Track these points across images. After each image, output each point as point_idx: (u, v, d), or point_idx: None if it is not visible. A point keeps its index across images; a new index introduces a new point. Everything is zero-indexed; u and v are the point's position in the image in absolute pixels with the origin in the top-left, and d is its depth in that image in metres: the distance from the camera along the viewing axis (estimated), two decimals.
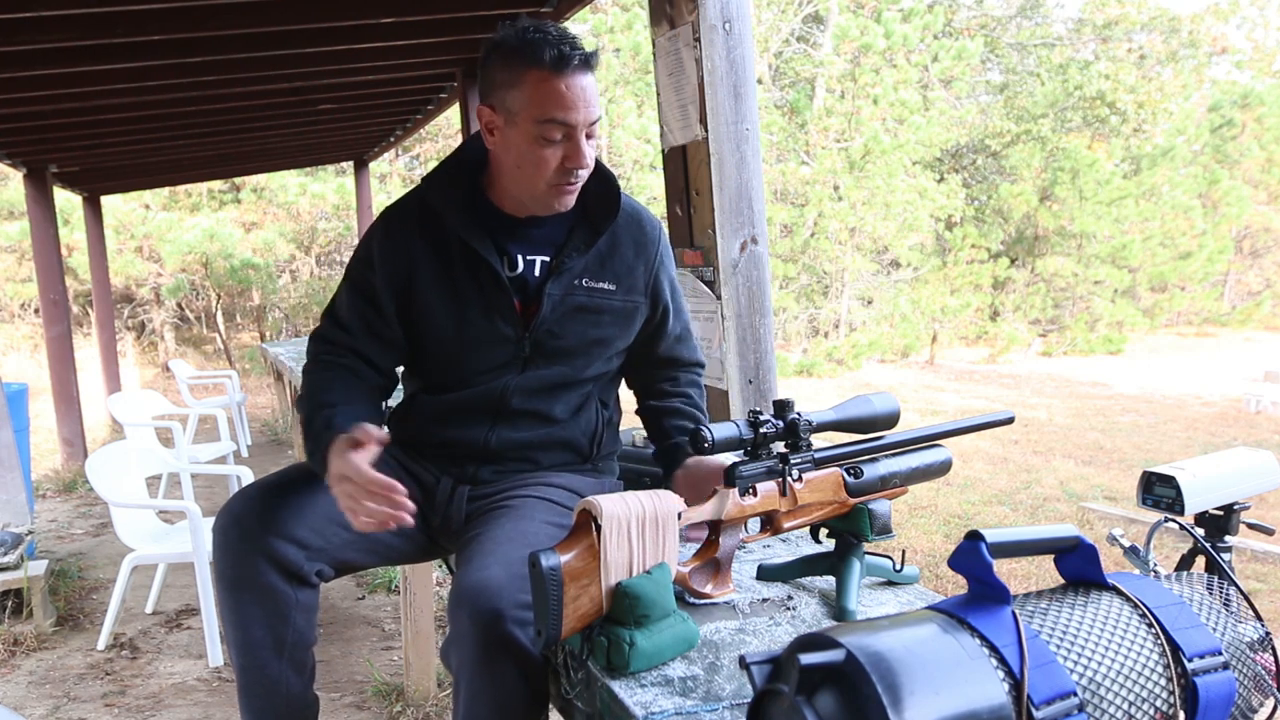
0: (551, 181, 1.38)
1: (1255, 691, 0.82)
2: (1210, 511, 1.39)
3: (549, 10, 3.30)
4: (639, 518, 1.14)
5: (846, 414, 1.36)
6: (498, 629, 1.13)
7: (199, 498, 3.78)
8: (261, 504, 1.36)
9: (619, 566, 1.11)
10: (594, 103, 1.35)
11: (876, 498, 1.34)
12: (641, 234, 1.52)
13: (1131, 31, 17.09)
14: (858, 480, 1.33)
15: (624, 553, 1.12)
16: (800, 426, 1.28)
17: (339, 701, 2.74)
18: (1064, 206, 14.88)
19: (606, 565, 1.10)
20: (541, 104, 1.32)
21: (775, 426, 1.27)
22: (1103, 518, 5.41)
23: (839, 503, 1.31)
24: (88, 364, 8.33)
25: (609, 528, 1.11)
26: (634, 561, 1.13)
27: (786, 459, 1.27)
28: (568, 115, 1.32)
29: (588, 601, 1.09)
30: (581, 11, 3.64)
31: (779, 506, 1.27)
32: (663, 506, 1.17)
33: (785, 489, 1.27)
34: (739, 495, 1.24)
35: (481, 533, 1.33)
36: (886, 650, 0.67)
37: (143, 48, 3.31)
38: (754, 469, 1.26)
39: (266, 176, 12.04)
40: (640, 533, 1.14)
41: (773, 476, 1.27)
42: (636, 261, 1.51)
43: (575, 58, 1.31)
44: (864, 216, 13.25)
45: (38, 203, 6.07)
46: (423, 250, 1.44)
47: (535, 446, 1.51)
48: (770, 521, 1.29)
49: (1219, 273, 16.97)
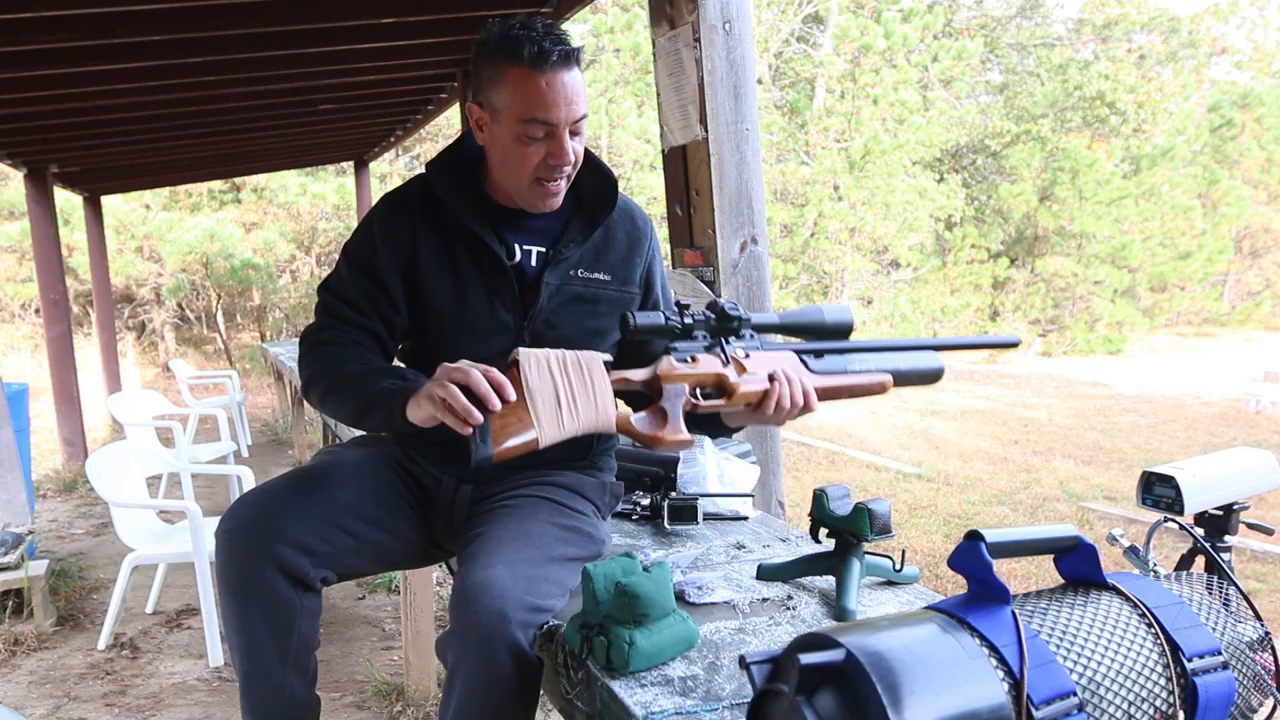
0: (535, 178, 1.37)
1: (1255, 691, 0.82)
2: (1210, 511, 1.39)
3: (549, 10, 3.30)
4: (559, 358, 1.26)
5: (791, 317, 1.37)
6: (502, 629, 1.13)
7: (199, 498, 3.78)
8: (266, 510, 1.34)
9: (545, 397, 1.22)
10: (577, 99, 1.33)
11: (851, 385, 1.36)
12: (634, 227, 1.53)
13: (1131, 31, 17.09)
14: (819, 361, 1.36)
15: (547, 383, 1.23)
16: (727, 309, 1.31)
17: (339, 701, 2.74)
18: (1064, 206, 14.88)
19: (530, 391, 1.21)
20: (523, 103, 1.31)
21: (705, 315, 1.31)
22: (1103, 518, 5.42)
23: (801, 380, 1.33)
24: (88, 364, 8.33)
25: (526, 361, 1.23)
26: (559, 391, 1.23)
27: (724, 341, 1.32)
28: (548, 114, 1.32)
29: (515, 422, 1.20)
30: (581, 11, 3.64)
31: (723, 372, 1.30)
32: (586, 354, 1.28)
33: (727, 358, 1.31)
34: (676, 362, 1.29)
35: (485, 531, 1.33)
36: (886, 650, 0.67)
37: (144, 48, 3.31)
38: (689, 345, 1.31)
39: (267, 176, 12.04)
40: (563, 369, 1.24)
41: (712, 351, 1.31)
42: (630, 253, 1.52)
43: (555, 54, 1.29)
44: (864, 216, 13.24)
45: (38, 203, 6.07)
46: (426, 234, 1.44)
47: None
48: (722, 389, 1.30)
49: (1219, 273, 16.98)
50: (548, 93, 1.30)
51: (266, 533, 1.32)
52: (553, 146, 1.35)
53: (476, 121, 1.40)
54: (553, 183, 1.39)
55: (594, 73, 13.26)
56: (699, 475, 1.76)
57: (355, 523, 1.40)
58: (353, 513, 1.40)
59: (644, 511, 1.71)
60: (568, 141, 1.35)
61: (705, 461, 1.78)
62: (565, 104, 1.32)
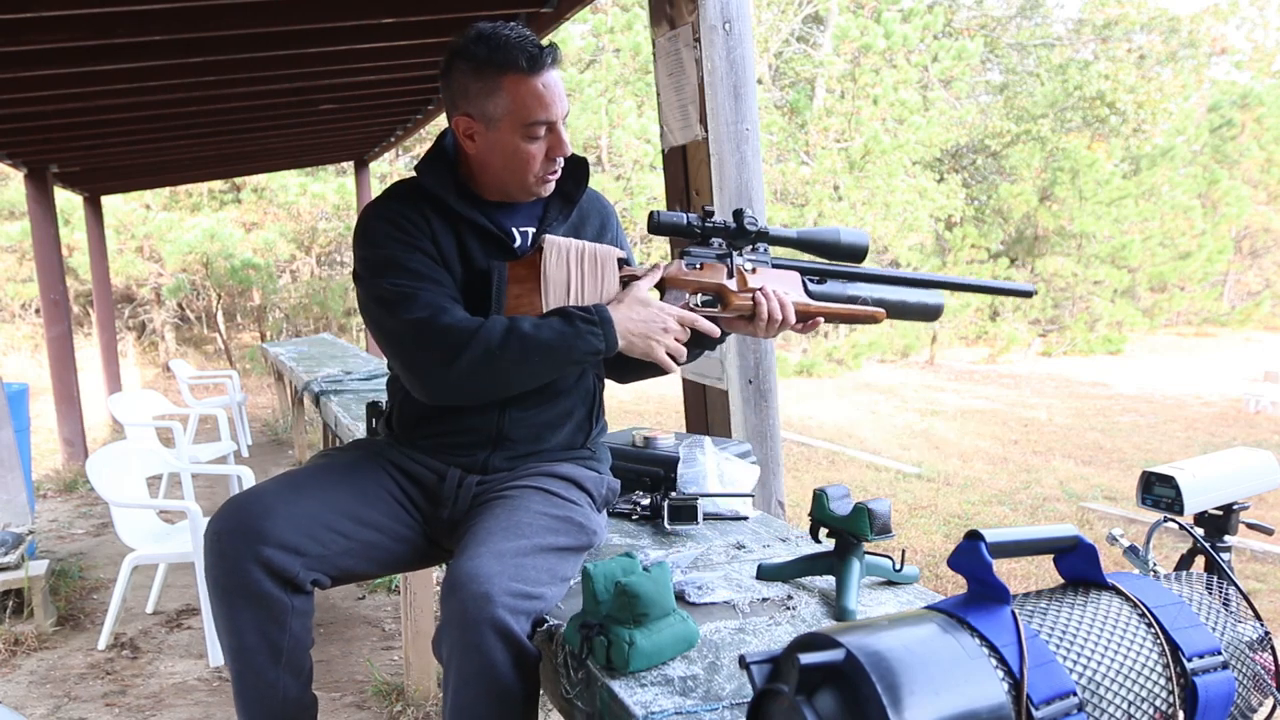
0: (539, 173, 1.45)
1: (1254, 691, 0.82)
2: (1210, 511, 1.39)
3: (549, 10, 3.30)
4: (579, 249, 1.39)
5: (808, 234, 1.47)
6: (487, 612, 1.13)
7: (199, 498, 3.78)
8: (255, 511, 1.34)
9: (558, 285, 1.37)
10: (564, 94, 1.44)
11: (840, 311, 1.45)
12: (603, 207, 1.64)
13: (1131, 31, 17.09)
14: (820, 286, 1.46)
15: (562, 272, 1.37)
16: (746, 221, 1.42)
17: (339, 701, 2.74)
18: (1064, 206, 14.87)
19: (546, 277, 1.36)
20: (525, 107, 1.38)
21: (724, 222, 1.42)
22: (1102, 518, 5.42)
23: (798, 303, 1.43)
24: (88, 364, 8.33)
25: (549, 248, 1.37)
26: (571, 283, 1.37)
27: (735, 250, 1.43)
28: (549, 113, 1.40)
29: (527, 306, 1.37)
30: (582, 11, 3.64)
31: (725, 283, 1.42)
32: (603, 249, 1.42)
33: (732, 271, 1.42)
34: (685, 266, 1.42)
35: (475, 524, 1.34)
36: (886, 650, 0.67)
37: (144, 48, 3.31)
38: (703, 250, 1.43)
39: (267, 176, 12.03)
40: (579, 262, 1.38)
41: (722, 261, 1.43)
42: (604, 229, 1.61)
43: (547, 58, 1.38)
44: (864, 216, 13.24)
45: (38, 203, 6.07)
46: (437, 224, 1.46)
47: (544, 423, 1.52)
48: (720, 298, 1.43)
49: (1219, 273, 16.96)
50: (545, 94, 1.39)
51: (254, 534, 1.32)
52: (553, 140, 1.43)
53: (465, 132, 1.44)
54: (554, 173, 1.48)
55: (594, 73, 13.27)
56: (699, 475, 1.76)
57: (347, 524, 1.40)
58: (344, 514, 1.41)
59: (644, 511, 1.71)
60: (564, 133, 1.44)
61: (705, 461, 1.78)
62: (560, 100, 1.41)
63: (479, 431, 1.49)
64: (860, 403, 9.97)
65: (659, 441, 1.85)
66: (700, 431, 2.49)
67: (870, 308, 1.47)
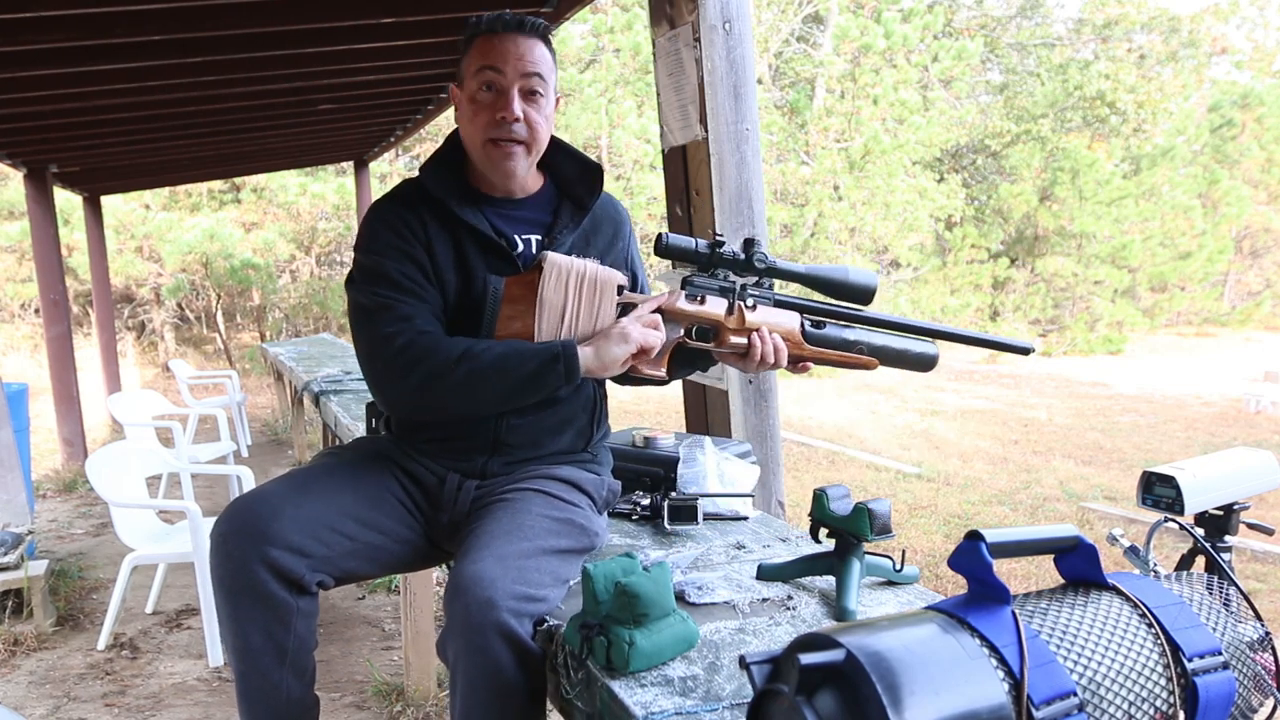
0: (487, 137, 1.43)
1: (1255, 691, 0.82)
2: (1210, 511, 1.39)
3: (549, 10, 3.30)
4: (580, 272, 1.34)
5: (815, 271, 1.44)
6: (492, 616, 1.14)
7: (199, 498, 3.78)
8: (261, 513, 1.34)
9: (553, 309, 1.32)
10: (532, 64, 1.41)
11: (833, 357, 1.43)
12: (616, 213, 1.62)
13: (1131, 31, 17.09)
14: (818, 330, 1.43)
15: (559, 296, 1.33)
16: (755, 257, 1.39)
17: (339, 701, 2.74)
18: (1064, 206, 14.88)
19: (541, 300, 1.31)
20: (478, 58, 1.42)
21: (733, 253, 1.39)
22: (1103, 518, 5.41)
23: (793, 344, 1.41)
24: (88, 364, 8.33)
25: (549, 269, 1.32)
26: (567, 308, 1.33)
27: (742, 287, 1.39)
28: (497, 62, 1.40)
29: (520, 326, 1.32)
30: (581, 11, 3.64)
31: (723, 320, 1.39)
32: (605, 273, 1.36)
33: (732, 308, 1.39)
34: (685, 298, 1.38)
35: (477, 527, 1.34)
36: (886, 650, 0.67)
37: (143, 48, 3.31)
38: (706, 282, 1.40)
39: (266, 176, 12.03)
40: (578, 286, 1.34)
41: (724, 295, 1.40)
42: (615, 238, 1.59)
43: (510, 20, 1.40)
44: (864, 216, 13.24)
45: (38, 203, 6.07)
46: (435, 230, 1.46)
47: (544, 430, 1.52)
48: (715, 334, 1.40)
49: (1219, 273, 16.98)
50: (498, 46, 1.40)
51: (260, 536, 1.32)
52: (500, 101, 1.41)
53: (454, 103, 1.48)
54: (504, 143, 1.43)
55: (594, 73, 13.27)
56: (699, 475, 1.76)
57: (351, 525, 1.41)
58: (348, 515, 1.41)
59: (644, 511, 1.71)
60: (516, 100, 1.41)
61: (705, 461, 1.78)
62: (515, 59, 1.40)
63: (477, 437, 1.49)
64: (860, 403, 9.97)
65: (659, 441, 1.85)
66: (700, 431, 2.49)
67: (864, 356, 1.44)
